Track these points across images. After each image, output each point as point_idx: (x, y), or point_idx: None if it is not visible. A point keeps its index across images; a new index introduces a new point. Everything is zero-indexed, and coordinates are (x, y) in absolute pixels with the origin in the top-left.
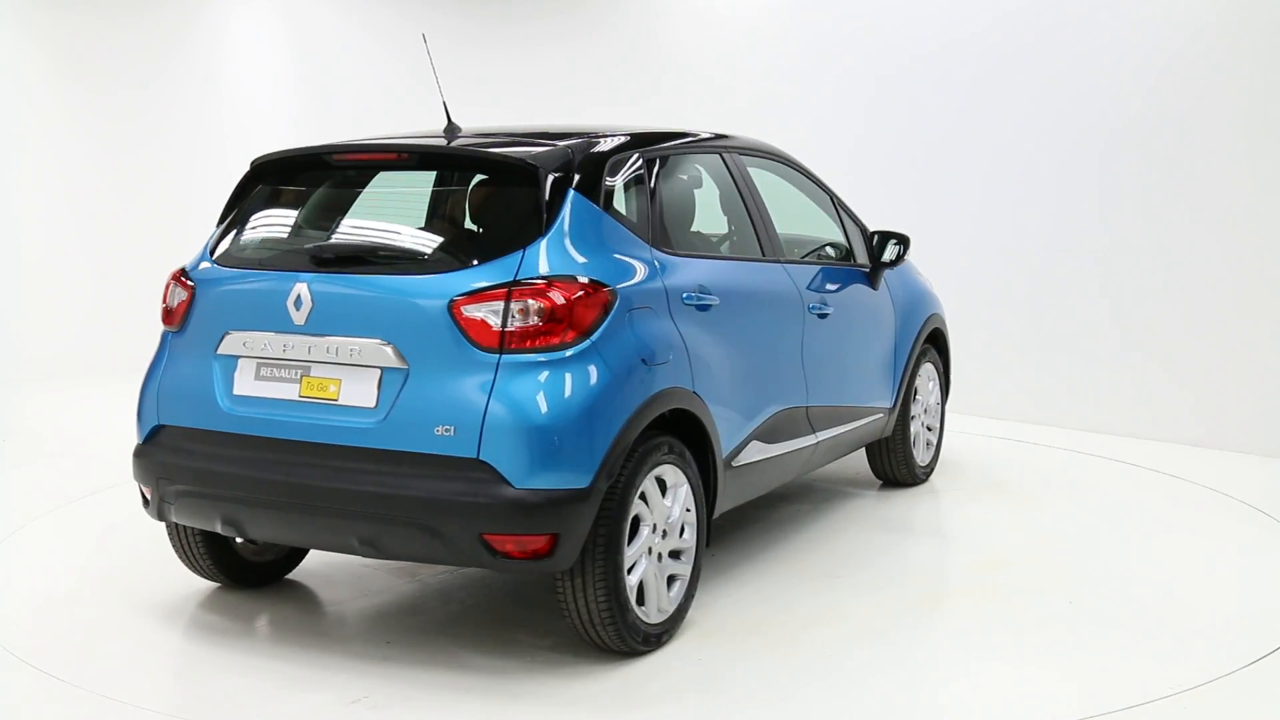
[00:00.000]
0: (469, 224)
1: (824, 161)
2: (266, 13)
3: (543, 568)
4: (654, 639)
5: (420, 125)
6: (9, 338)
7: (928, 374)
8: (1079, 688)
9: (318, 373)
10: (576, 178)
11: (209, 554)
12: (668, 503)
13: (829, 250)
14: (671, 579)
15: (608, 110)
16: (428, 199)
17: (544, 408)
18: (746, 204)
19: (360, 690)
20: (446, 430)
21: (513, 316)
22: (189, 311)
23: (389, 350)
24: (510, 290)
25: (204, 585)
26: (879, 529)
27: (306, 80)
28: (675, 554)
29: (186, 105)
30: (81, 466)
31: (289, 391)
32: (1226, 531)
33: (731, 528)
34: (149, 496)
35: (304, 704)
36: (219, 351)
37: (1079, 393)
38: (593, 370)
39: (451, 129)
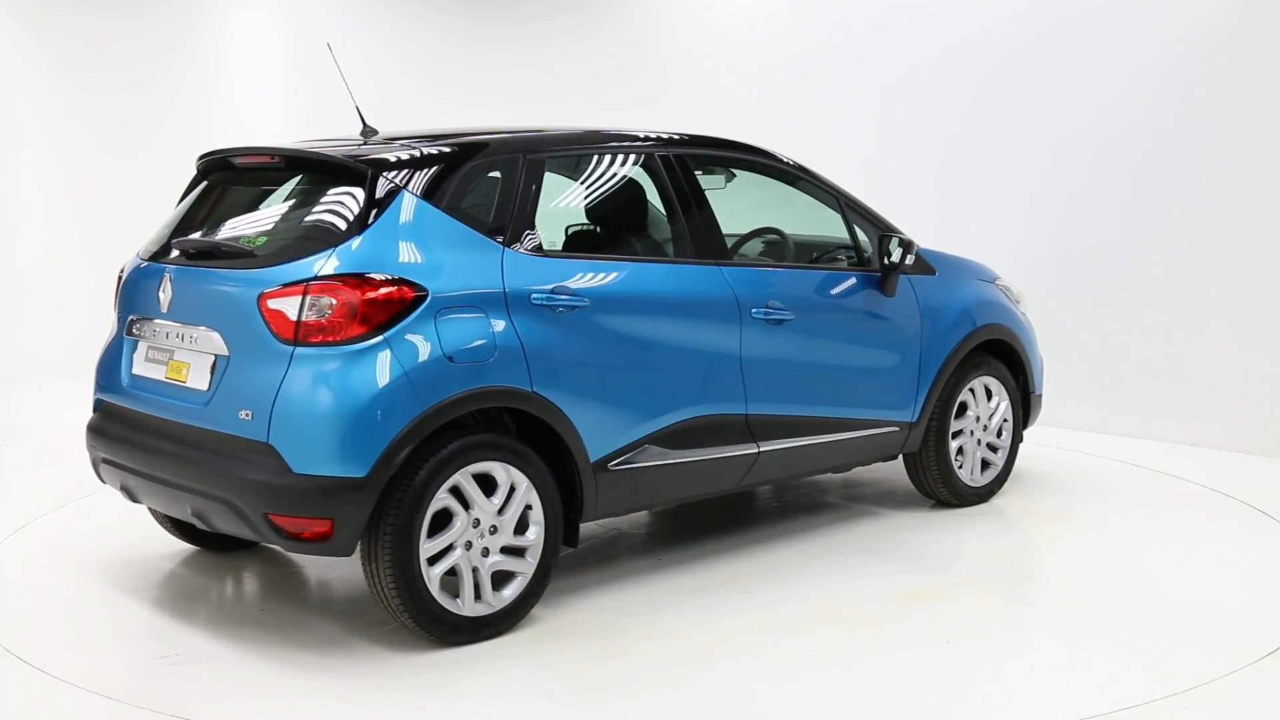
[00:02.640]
0: (307, 222)
1: (833, 162)
2: (266, 13)
3: (326, 551)
4: (469, 631)
5: (407, 127)
6: (9, 338)
7: (989, 388)
8: (1079, 688)
9: (178, 356)
10: (414, 179)
11: (166, 517)
12: (495, 500)
13: (839, 255)
14: (508, 576)
15: (609, 111)
16: (283, 198)
17: (323, 398)
18: (679, 205)
19: (177, 647)
20: (247, 414)
21: (307, 310)
22: (118, 299)
23: (217, 338)
24: (308, 286)
25: (199, 571)
26: (857, 549)
27: (306, 80)
28: (517, 551)
29: (187, 105)
30: (82, 466)
31: (160, 373)
32: (1226, 531)
33: (696, 535)
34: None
35: (116, 656)
36: (127, 334)
37: (1079, 393)
38: (380, 365)
39: (367, 131)
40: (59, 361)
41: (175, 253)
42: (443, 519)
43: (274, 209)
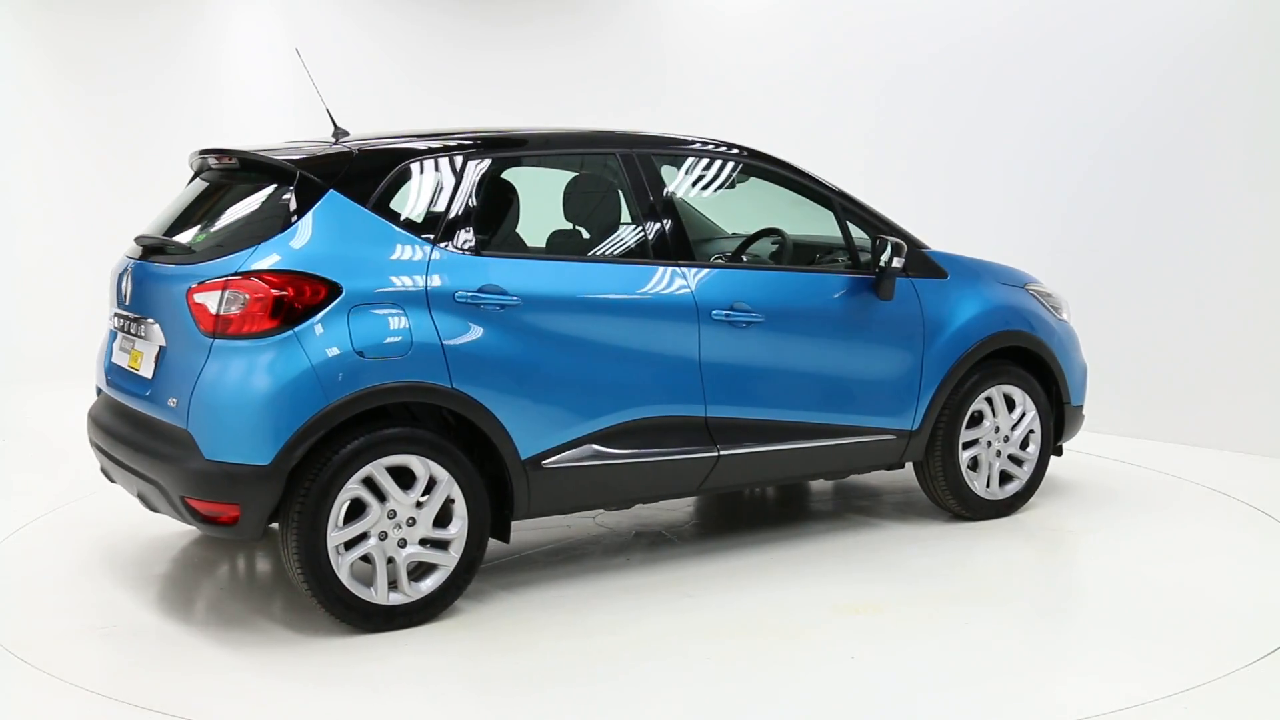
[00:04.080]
0: (240, 220)
1: (835, 162)
2: (266, 13)
3: (236, 534)
4: (381, 619)
5: (402, 128)
6: (9, 338)
7: (1011, 398)
8: (1079, 688)
9: (137, 346)
10: (342, 179)
11: None
12: (413, 493)
13: (840, 257)
14: (429, 567)
15: (610, 111)
16: (232, 197)
17: (231, 389)
18: (639, 205)
19: (115, 620)
20: (174, 402)
21: (224, 305)
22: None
23: (158, 329)
24: (227, 281)
25: (198, 562)
26: (834, 557)
27: (306, 80)
28: (441, 544)
29: (187, 105)
30: (83, 466)
31: (126, 361)
32: (1226, 531)
33: (681, 536)
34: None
35: (63, 625)
36: (110, 326)
37: None
38: (287, 359)
39: (339, 133)
40: (59, 361)
41: (139, 248)
42: (361, 508)
43: (222, 207)
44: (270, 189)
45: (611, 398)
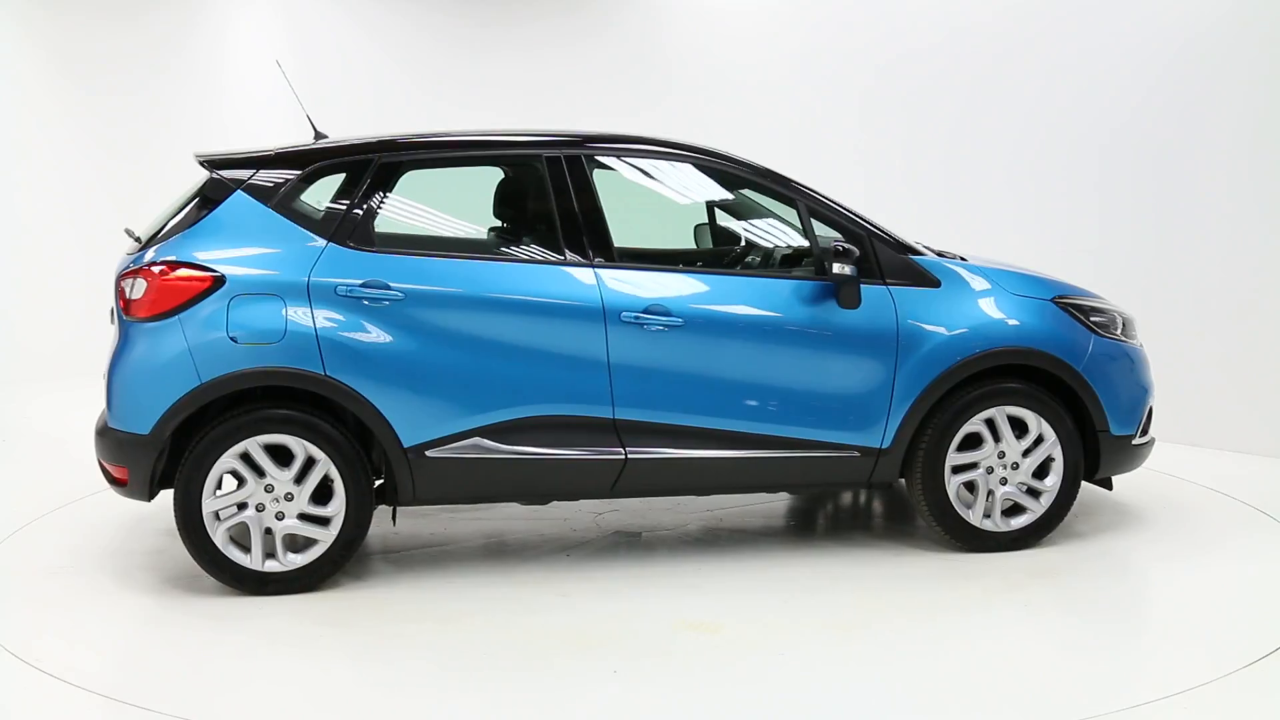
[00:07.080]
0: (173, 215)
1: (836, 163)
2: (266, 13)
3: (130, 494)
4: (254, 584)
5: (400, 131)
6: (9, 338)
7: (1022, 421)
8: (1079, 688)
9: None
10: (251, 179)
11: None
12: (290, 471)
13: (804, 260)
14: (308, 541)
15: (611, 112)
16: (191, 194)
17: (126, 365)
18: (556, 206)
19: (117, 622)
20: (105, 375)
21: (133, 291)
22: None
23: (112, 312)
24: (138, 270)
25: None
26: (747, 571)
27: (306, 81)
28: (321, 521)
29: (186, 106)
30: (84, 466)
31: None
32: (1226, 531)
33: (662, 536)
34: None
35: (63, 625)
36: None
37: None
38: (168, 341)
39: (318, 137)
40: (60, 361)
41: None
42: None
43: (180, 203)
44: (199, 187)
45: (502, 393)
